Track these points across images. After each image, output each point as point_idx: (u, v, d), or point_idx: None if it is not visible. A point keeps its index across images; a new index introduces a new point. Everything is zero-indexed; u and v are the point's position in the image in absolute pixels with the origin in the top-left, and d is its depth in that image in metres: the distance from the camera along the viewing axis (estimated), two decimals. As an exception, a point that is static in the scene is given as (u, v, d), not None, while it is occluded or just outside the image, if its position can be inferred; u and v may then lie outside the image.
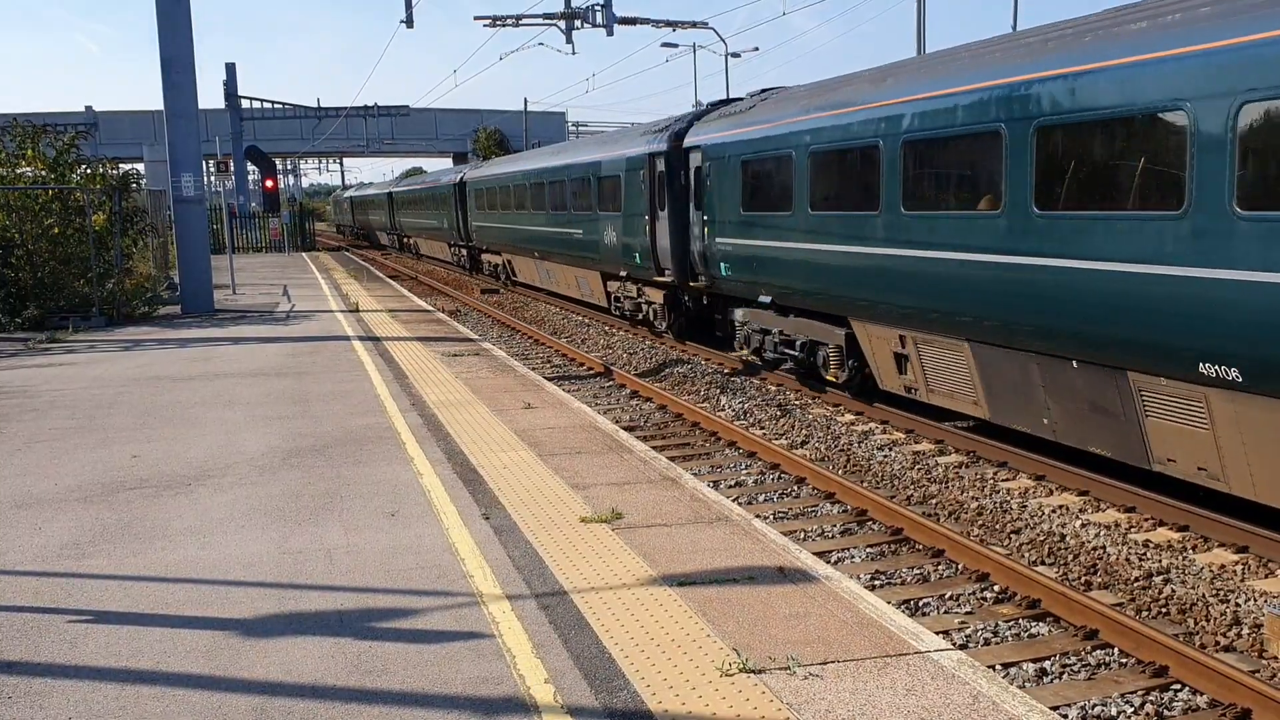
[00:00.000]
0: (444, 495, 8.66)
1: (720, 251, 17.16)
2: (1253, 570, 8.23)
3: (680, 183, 19.06)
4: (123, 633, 6.01)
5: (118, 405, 13.09)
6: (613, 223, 22.34)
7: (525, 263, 31.75)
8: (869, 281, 12.88)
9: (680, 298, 20.36)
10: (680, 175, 19.10)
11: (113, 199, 23.94)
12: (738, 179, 16.47)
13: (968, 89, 10.94)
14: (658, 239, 19.86)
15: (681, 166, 19.08)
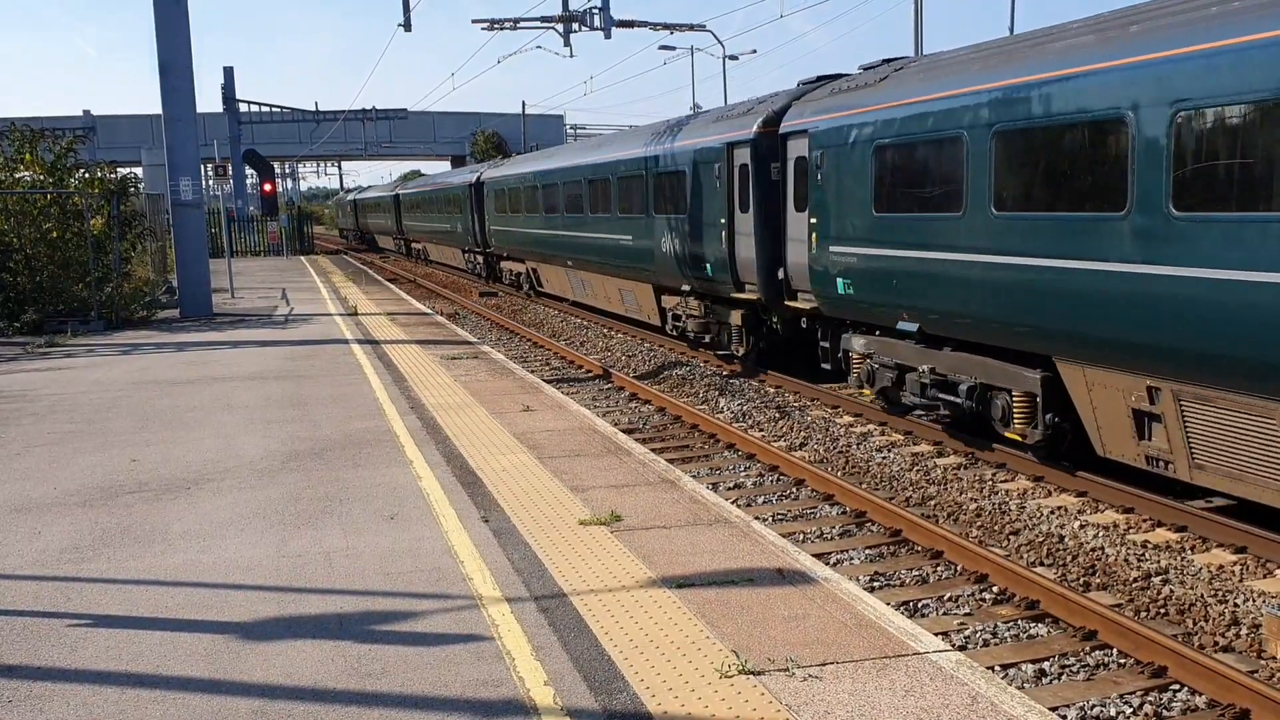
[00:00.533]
0: (443, 498, 8.66)
1: (837, 263, 13.68)
2: (1251, 571, 8.24)
3: (770, 178, 15.74)
4: (122, 636, 6.02)
5: (117, 409, 13.09)
6: (673, 228, 18.97)
7: (555, 272, 28.57)
8: (1102, 309, 9.42)
9: (764, 319, 16.96)
10: (769, 169, 15.72)
11: (111, 203, 23.94)
12: (866, 171, 12.95)
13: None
14: (737, 247, 16.66)
15: (771, 158, 15.65)
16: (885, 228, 12.75)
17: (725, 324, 17.94)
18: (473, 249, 39.49)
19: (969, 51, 12.00)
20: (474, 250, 39.47)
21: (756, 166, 15.78)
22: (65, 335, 21.32)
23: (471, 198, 37.25)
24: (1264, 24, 7.77)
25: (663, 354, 20.30)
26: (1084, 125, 9.55)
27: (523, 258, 31.83)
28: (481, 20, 29.18)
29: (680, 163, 18.51)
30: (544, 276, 30.18)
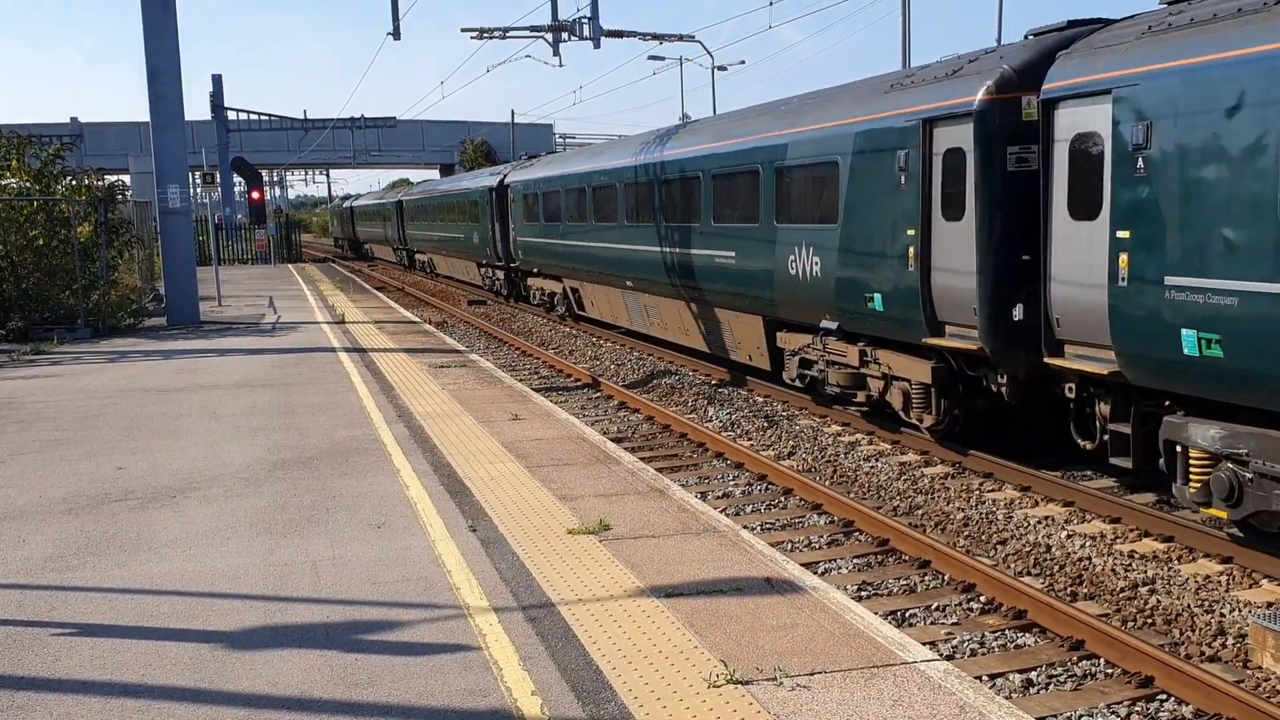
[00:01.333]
0: (430, 507, 8.64)
1: (1182, 307, 8.56)
2: (1237, 581, 8.26)
3: (1009, 169, 10.79)
4: (107, 645, 5.98)
5: (103, 417, 13.04)
6: (811, 241, 13.94)
7: (605, 295, 23.42)
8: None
9: (974, 376, 11.84)
10: (1006, 155, 10.75)
11: (98, 210, 23.86)
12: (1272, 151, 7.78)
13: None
14: (934, 272, 11.68)
15: (1010, 138, 10.70)
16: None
17: (899, 380, 12.80)
18: (491, 263, 34.27)
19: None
20: (493, 265, 34.36)
21: (985, 153, 10.86)
22: (51, 343, 21.23)
23: (492, 203, 32.35)
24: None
25: (651, 363, 20.30)
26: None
27: (558, 275, 26.76)
28: (471, 29, 29.19)
29: (831, 151, 13.52)
30: (590, 299, 24.83)
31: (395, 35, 29.74)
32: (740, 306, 16.69)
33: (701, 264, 17.54)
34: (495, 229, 32.29)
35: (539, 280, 29.70)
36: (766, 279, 15.34)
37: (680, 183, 18.40)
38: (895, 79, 13.14)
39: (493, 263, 34.04)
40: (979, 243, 10.94)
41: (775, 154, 15.01)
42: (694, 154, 17.94)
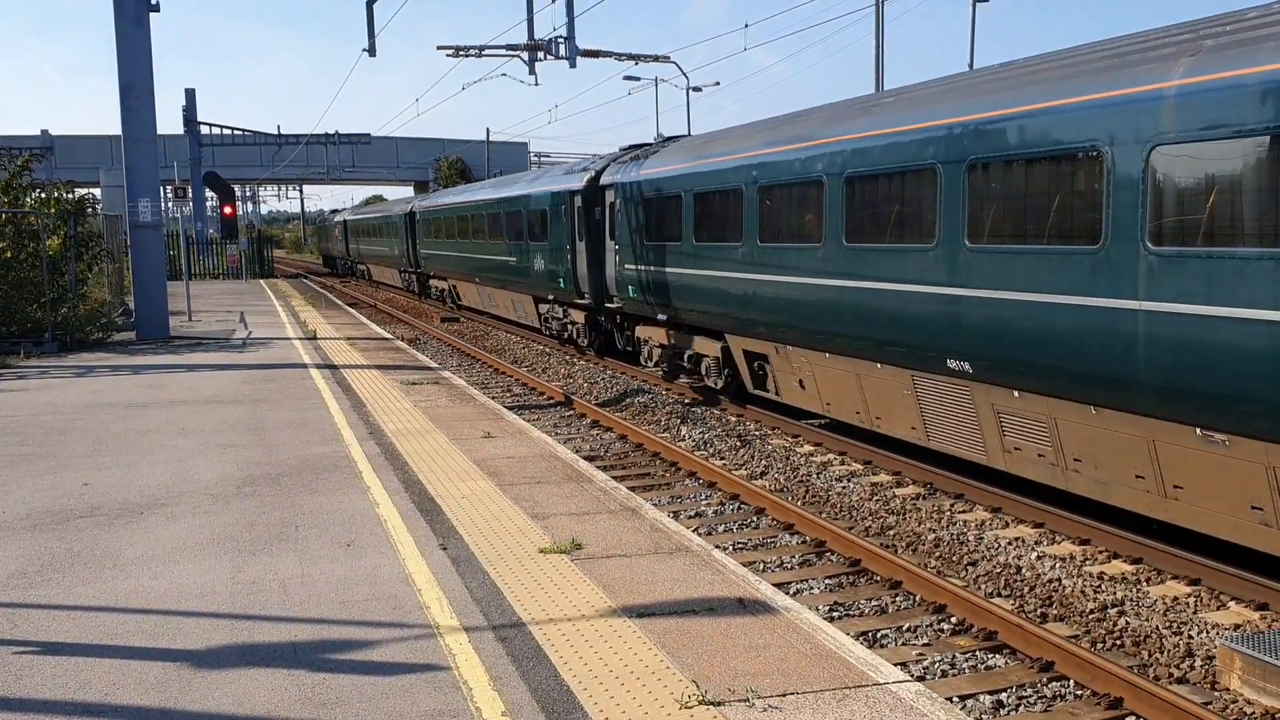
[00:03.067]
0: (401, 525, 8.58)
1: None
2: (1205, 603, 8.32)
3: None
4: (70, 664, 5.89)
5: (69, 432, 12.88)
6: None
7: (836, 375, 13.52)
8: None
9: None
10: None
11: (68, 223, 23.64)
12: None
13: None
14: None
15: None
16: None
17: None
18: (564, 299, 24.09)
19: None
20: (566, 302, 24.17)
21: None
22: (18, 357, 20.98)
23: (572, 214, 22.78)
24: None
25: (625, 381, 20.29)
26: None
27: (746, 329, 15.63)
28: (447, 47, 29.18)
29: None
30: (799, 374, 14.55)
31: (371, 52, 29.71)
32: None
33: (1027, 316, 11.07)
34: (577, 250, 22.56)
35: (647, 329, 19.95)
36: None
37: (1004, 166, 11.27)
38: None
39: (567, 299, 23.78)
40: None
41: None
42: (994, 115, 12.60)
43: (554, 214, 23.65)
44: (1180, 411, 8.45)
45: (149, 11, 23.67)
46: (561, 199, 23.23)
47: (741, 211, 15.11)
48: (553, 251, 23.86)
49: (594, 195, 21.62)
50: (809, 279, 13.33)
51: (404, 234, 44.50)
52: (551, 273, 24.04)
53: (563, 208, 23.05)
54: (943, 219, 10.88)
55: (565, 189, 23.06)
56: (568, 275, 23.00)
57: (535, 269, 25.21)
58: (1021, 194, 9.93)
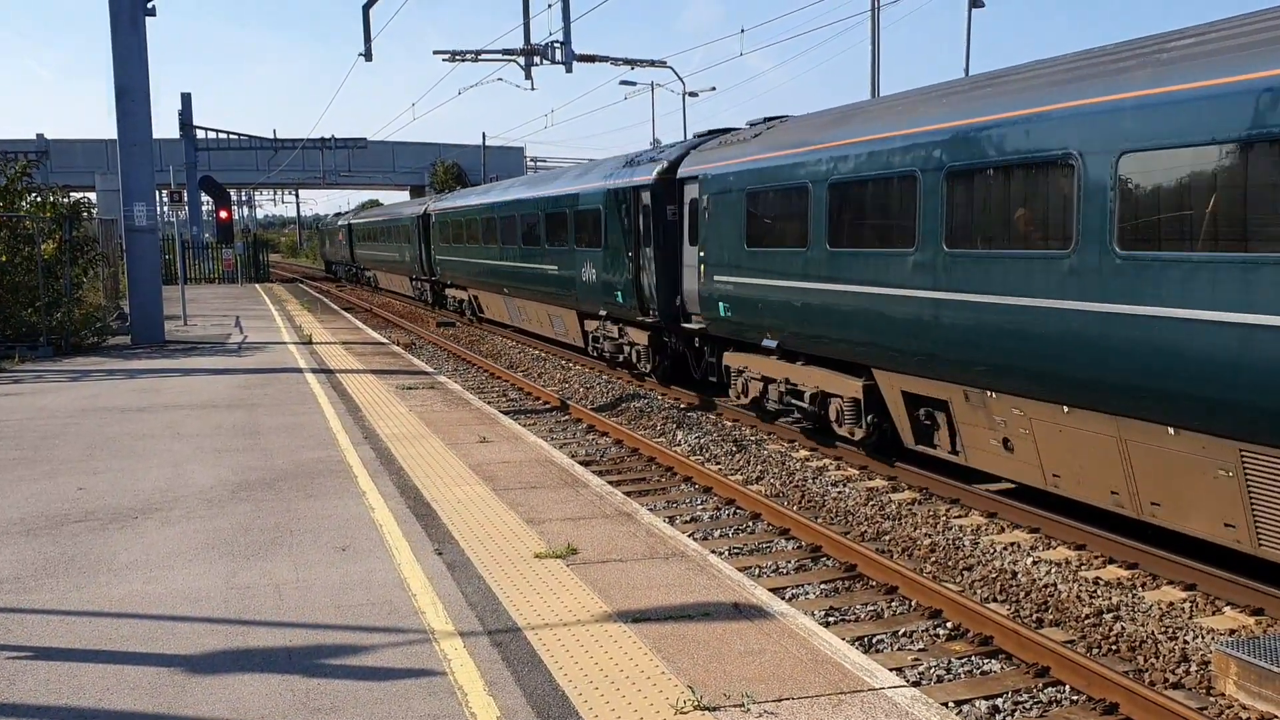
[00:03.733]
0: (396, 530, 8.57)
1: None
2: (1200, 608, 8.33)
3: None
4: (64, 669, 5.87)
5: (64, 436, 12.86)
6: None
7: (1051, 430, 9.93)
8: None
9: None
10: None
11: (63, 228, 23.62)
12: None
13: None
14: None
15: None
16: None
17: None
18: (624, 316, 19.78)
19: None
20: (629, 319, 19.73)
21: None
22: (12, 361, 20.94)
23: (638, 212, 18.81)
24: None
25: (620, 386, 20.27)
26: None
27: (863, 365, 12.83)
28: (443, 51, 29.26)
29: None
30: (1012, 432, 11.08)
31: (367, 56, 29.76)
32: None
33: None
34: (641, 258, 18.57)
35: (738, 358, 15.88)
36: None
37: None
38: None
39: (625, 316, 19.66)
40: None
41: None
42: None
43: (610, 214, 19.74)
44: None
45: (145, 15, 23.67)
46: (622, 197, 19.25)
47: (916, 205, 11.21)
48: (607, 259, 19.97)
49: (666, 191, 17.61)
50: (1042, 300, 9.50)
51: (416, 238, 40.16)
52: (605, 285, 20.15)
53: (623, 207, 19.13)
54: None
55: (628, 184, 18.90)
56: (628, 288, 19.00)
57: (583, 280, 21.40)
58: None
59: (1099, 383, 8.94)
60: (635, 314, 19.03)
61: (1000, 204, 10.08)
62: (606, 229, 20.01)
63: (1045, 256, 9.44)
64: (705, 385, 18.08)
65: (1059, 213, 9.32)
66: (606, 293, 20.16)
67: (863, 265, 12.25)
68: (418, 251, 40.34)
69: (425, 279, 40.86)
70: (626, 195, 19.09)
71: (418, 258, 40.57)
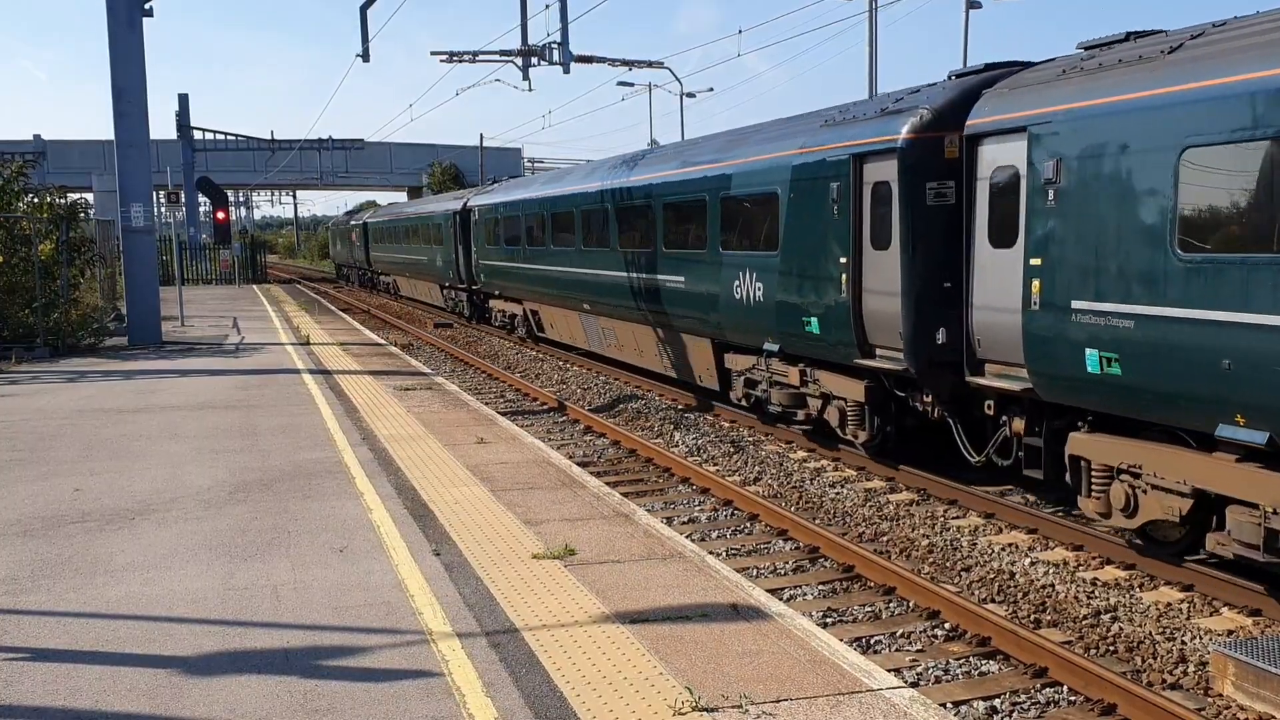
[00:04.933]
0: (394, 531, 8.56)
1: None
2: (1198, 608, 8.33)
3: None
4: (61, 671, 5.86)
5: (60, 437, 12.84)
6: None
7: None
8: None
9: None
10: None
11: (60, 228, 23.60)
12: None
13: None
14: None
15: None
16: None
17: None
18: (821, 353, 13.36)
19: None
20: (829, 360, 13.32)
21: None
22: (9, 362, 20.91)
23: (848, 197, 12.43)
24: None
25: (618, 387, 20.27)
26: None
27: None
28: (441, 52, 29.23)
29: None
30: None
31: (364, 57, 29.72)
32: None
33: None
34: (863, 264, 12.37)
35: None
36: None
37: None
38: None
39: (824, 353, 13.28)
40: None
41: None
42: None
43: (799, 201, 13.34)
44: None
45: (142, 16, 23.65)
46: (825, 172, 12.82)
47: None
48: (790, 269, 13.65)
49: (926, 159, 11.23)
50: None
51: (451, 240, 33.19)
52: (784, 307, 13.76)
53: (830, 188, 12.63)
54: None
55: (840, 152, 12.43)
56: (834, 313, 12.64)
57: (735, 298, 15.08)
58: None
59: None
60: (845, 352, 12.49)
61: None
62: (789, 223, 13.53)
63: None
64: (1002, 474, 11.53)
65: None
66: (785, 319, 13.75)
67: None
68: (451, 255, 33.48)
69: (461, 288, 33.74)
70: (836, 171, 12.48)
71: (452, 262, 33.63)
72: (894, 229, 11.55)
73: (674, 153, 18.50)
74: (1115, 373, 8.90)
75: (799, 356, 13.95)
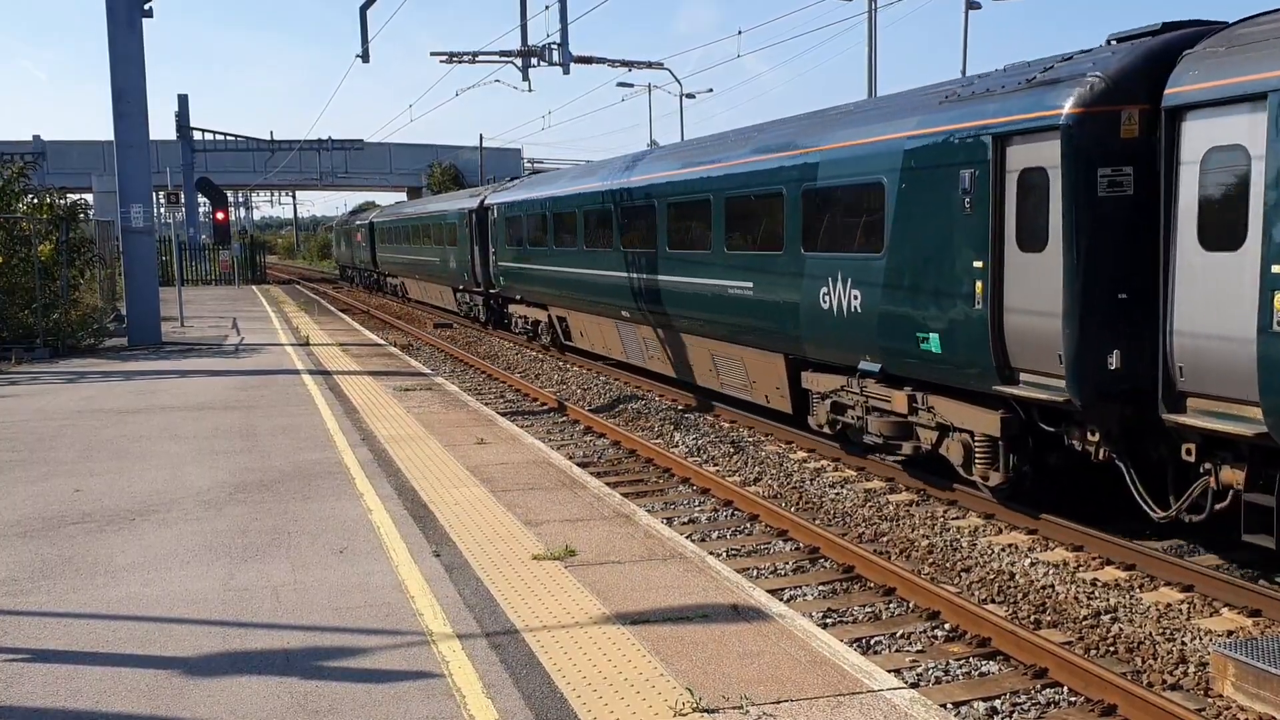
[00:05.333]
0: (394, 532, 8.56)
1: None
2: (1198, 609, 8.33)
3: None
4: (61, 671, 5.86)
5: (60, 438, 12.84)
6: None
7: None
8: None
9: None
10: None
11: (60, 229, 23.60)
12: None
13: None
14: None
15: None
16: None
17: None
18: (952, 381, 10.85)
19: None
20: (983, 392, 10.43)
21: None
22: (9, 362, 20.92)
23: (978, 182, 10.09)
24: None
25: (618, 388, 20.27)
26: None
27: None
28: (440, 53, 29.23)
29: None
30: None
31: (364, 58, 29.70)
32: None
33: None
34: (1010, 271, 9.94)
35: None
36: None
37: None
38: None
39: (949, 377, 10.90)
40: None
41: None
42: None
43: (912, 191, 11.01)
44: None
45: (142, 17, 23.66)
46: (957, 155, 10.47)
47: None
48: (901, 272, 11.36)
49: (1103, 135, 9.09)
50: None
51: (466, 240, 31.07)
52: (891, 321, 11.54)
53: (964, 175, 10.35)
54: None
55: (976, 129, 10.15)
56: (964, 328, 10.47)
57: (821, 306, 12.74)
58: None
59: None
60: (979, 376, 10.38)
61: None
62: (899, 219, 11.24)
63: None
64: (1184, 531, 9.99)
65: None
66: (891, 333, 11.50)
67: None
68: (467, 256, 31.22)
69: (477, 291, 31.61)
70: (969, 155, 10.23)
71: (467, 264, 31.27)
72: (1052, 226, 9.32)
73: (740, 140, 15.63)
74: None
75: (905, 379, 11.63)
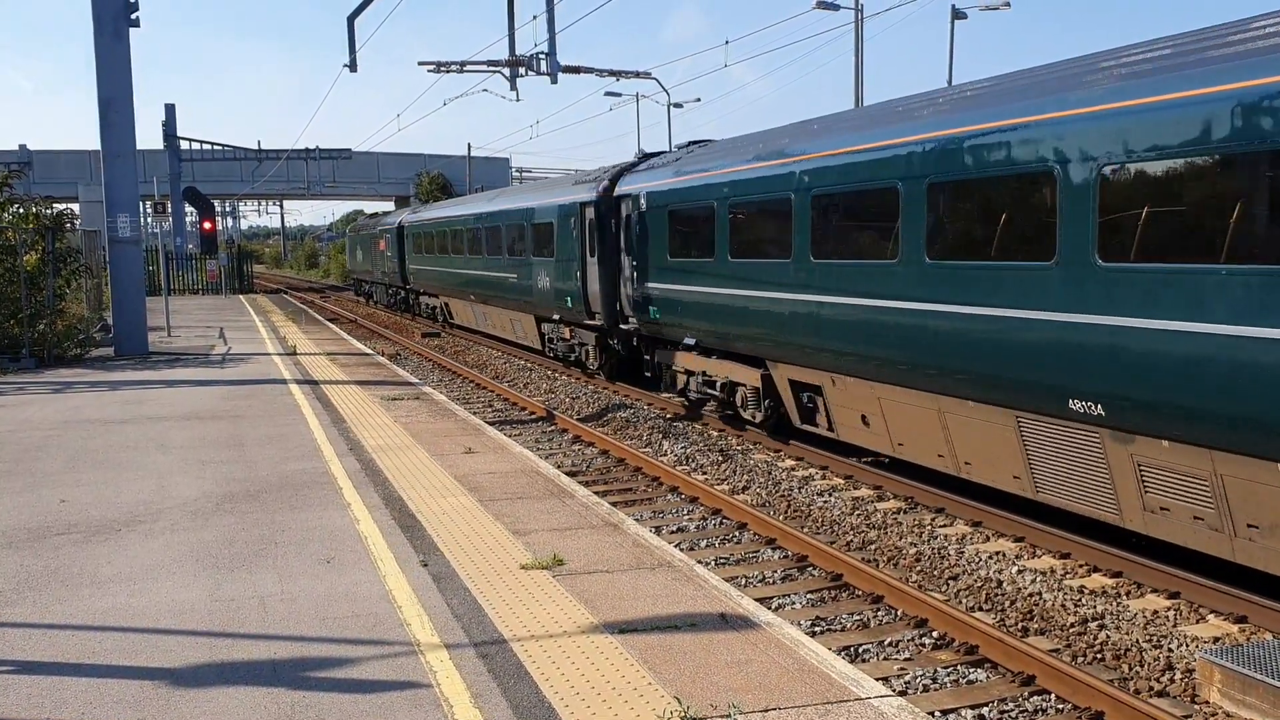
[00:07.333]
0: (381, 542, 8.54)
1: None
2: (1184, 616, 8.36)
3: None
4: (46, 683, 5.83)
5: (46, 449, 12.78)
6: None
7: None
8: None
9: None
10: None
11: (46, 239, 23.51)
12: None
13: None
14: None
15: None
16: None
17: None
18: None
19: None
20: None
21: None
22: (-6, 373, 20.82)
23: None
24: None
25: (607, 396, 20.27)
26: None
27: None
28: (428, 62, 29.22)
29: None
30: None
31: (352, 67, 29.69)
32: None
33: None
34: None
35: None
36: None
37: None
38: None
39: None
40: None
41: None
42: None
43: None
44: None
45: (129, 26, 23.60)
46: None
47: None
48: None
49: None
50: None
51: (578, 246, 20.62)
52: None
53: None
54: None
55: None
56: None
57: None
58: None
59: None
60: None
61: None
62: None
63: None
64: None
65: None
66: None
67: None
68: (575, 272, 20.84)
69: (590, 326, 20.94)
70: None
71: (573, 283, 20.99)
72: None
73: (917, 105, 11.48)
74: None
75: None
